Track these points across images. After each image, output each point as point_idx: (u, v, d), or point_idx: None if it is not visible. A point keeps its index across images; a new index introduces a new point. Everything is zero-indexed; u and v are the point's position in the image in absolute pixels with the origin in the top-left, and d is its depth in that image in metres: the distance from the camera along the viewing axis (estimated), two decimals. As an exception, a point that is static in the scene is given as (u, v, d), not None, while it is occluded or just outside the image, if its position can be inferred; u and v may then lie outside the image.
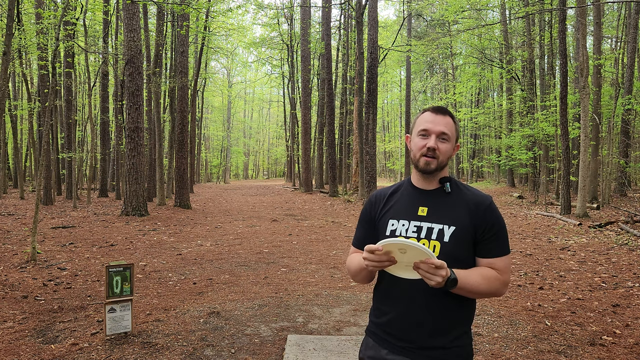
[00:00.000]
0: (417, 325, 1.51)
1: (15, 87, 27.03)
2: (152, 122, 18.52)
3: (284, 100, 37.84)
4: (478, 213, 1.52)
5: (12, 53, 13.88)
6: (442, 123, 1.56)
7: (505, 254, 1.53)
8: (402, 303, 1.53)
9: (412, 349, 1.51)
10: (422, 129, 1.57)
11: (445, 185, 1.58)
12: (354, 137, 22.53)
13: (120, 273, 3.85)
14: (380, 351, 1.57)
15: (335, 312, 4.67)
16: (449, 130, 1.56)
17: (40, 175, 7.38)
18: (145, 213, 12.77)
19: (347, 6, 23.82)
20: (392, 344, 1.55)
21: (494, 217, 1.53)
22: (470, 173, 33.91)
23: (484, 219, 1.52)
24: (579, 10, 12.95)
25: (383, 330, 1.58)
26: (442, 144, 1.55)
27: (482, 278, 1.45)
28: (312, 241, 9.30)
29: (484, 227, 1.51)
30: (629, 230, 9.42)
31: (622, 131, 16.89)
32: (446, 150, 1.55)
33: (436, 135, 1.55)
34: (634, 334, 4.03)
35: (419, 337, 1.51)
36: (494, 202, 1.58)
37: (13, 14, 6.93)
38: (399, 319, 1.54)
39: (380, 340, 1.59)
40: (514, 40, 25.73)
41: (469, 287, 1.43)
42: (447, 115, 1.58)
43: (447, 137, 1.56)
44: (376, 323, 1.62)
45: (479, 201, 1.55)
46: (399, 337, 1.54)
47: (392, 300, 1.57)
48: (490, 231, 1.51)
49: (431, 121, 1.56)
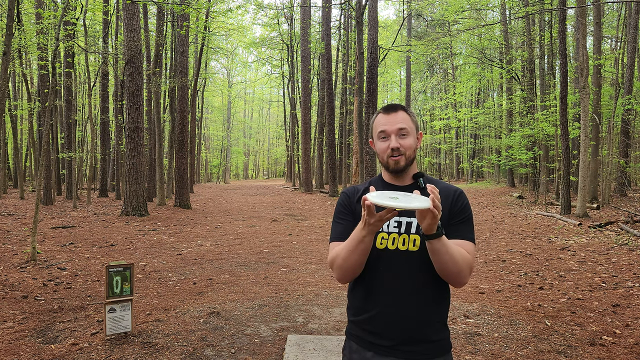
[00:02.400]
0: (400, 319, 1.51)
1: (15, 87, 27.03)
2: (152, 122, 18.52)
3: (284, 100, 37.84)
4: (448, 200, 1.58)
5: (12, 53, 13.88)
6: (396, 120, 1.59)
7: (472, 240, 1.57)
8: (387, 298, 1.53)
9: (397, 347, 1.51)
10: (380, 131, 1.61)
11: (419, 181, 1.62)
12: (354, 137, 22.51)
13: (120, 273, 3.85)
14: (365, 354, 1.56)
15: (335, 312, 4.67)
16: (406, 125, 1.60)
17: (40, 175, 7.38)
18: (145, 213, 12.77)
19: (347, 6, 23.81)
20: (376, 345, 1.54)
21: (463, 202, 1.59)
22: (470, 173, 33.90)
23: (454, 204, 1.58)
24: (579, 10, 12.94)
25: (364, 330, 1.57)
26: (403, 140, 1.59)
27: (458, 250, 1.48)
28: (312, 241, 9.30)
29: (454, 211, 1.57)
30: (629, 230, 9.42)
31: (622, 131, 16.88)
32: (409, 145, 1.60)
33: (395, 134, 1.59)
34: (634, 334, 4.03)
35: (404, 331, 1.51)
36: (464, 193, 1.63)
37: (13, 14, 6.93)
38: (382, 315, 1.53)
39: (363, 342, 1.57)
40: (514, 40, 25.73)
41: (449, 249, 1.43)
42: (400, 110, 1.62)
43: (406, 132, 1.59)
44: (356, 322, 1.60)
45: (451, 191, 1.61)
46: (381, 335, 1.53)
47: (373, 296, 1.56)
48: (460, 214, 1.57)
49: (385, 122, 1.60)
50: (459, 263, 1.45)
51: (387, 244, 1.55)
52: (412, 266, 1.53)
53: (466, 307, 4.83)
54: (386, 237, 1.55)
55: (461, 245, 1.53)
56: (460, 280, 1.48)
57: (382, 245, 1.55)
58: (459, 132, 35.69)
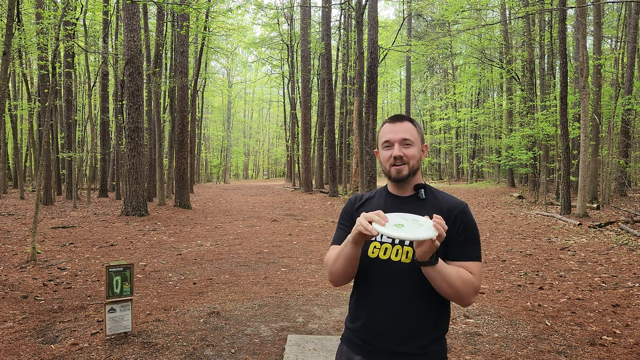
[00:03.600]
0: (389, 331, 1.50)
1: (15, 87, 27.03)
2: (152, 122, 18.52)
3: (284, 100, 37.84)
4: (450, 217, 1.53)
5: (12, 53, 13.88)
6: (401, 130, 1.59)
7: (478, 259, 1.53)
8: (375, 308, 1.53)
9: (381, 354, 1.51)
10: (384, 141, 1.61)
11: (419, 192, 1.61)
12: (354, 137, 22.52)
13: (120, 273, 3.85)
14: (353, 357, 1.57)
15: (335, 312, 4.67)
16: (410, 135, 1.58)
17: (40, 175, 7.38)
18: (145, 213, 12.77)
19: (347, 6, 23.81)
20: (365, 349, 1.54)
21: (467, 220, 1.54)
22: (470, 173, 33.90)
23: (456, 221, 1.52)
24: (579, 10, 12.95)
25: (356, 336, 1.58)
26: (407, 149, 1.58)
27: (458, 275, 1.44)
28: (312, 241, 9.30)
29: (456, 229, 1.52)
30: (629, 230, 9.42)
31: (622, 131, 16.89)
32: (413, 154, 1.58)
33: (399, 143, 1.58)
34: (634, 334, 4.03)
35: (387, 342, 1.50)
36: (468, 207, 1.59)
37: (13, 14, 6.93)
38: (370, 324, 1.53)
39: (353, 345, 1.58)
40: (514, 40, 25.73)
41: (445, 275, 1.40)
42: (405, 121, 1.61)
43: (410, 142, 1.58)
44: (350, 329, 1.62)
45: (453, 206, 1.56)
46: (369, 342, 1.53)
47: (365, 305, 1.56)
48: (463, 233, 1.52)
49: (390, 131, 1.60)
50: (458, 288, 1.42)
51: (378, 254, 1.54)
52: (404, 279, 1.50)
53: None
54: (378, 247, 1.55)
55: (465, 266, 1.49)
56: (462, 303, 1.46)
57: (374, 254, 1.54)
58: (459, 132, 35.71)
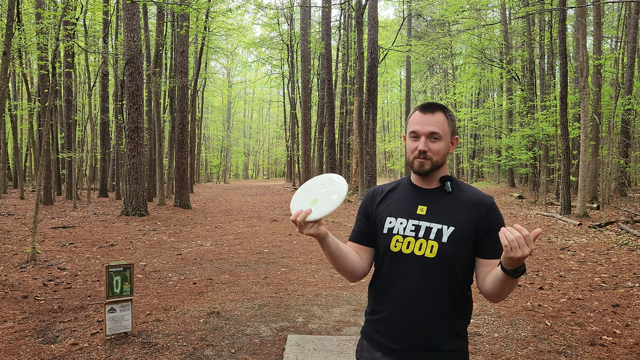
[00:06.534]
0: (408, 325, 1.48)
1: (15, 87, 27.02)
2: (152, 122, 18.52)
3: (284, 100, 37.84)
4: (479, 213, 1.49)
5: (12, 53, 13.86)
6: (430, 122, 1.51)
7: None
8: (397, 302, 1.50)
9: (405, 352, 1.48)
10: (412, 131, 1.53)
11: (446, 184, 1.55)
12: (354, 137, 22.53)
13: (120, 273, 3.84)
14: (374, 354, 1.54)
15: (335, 312, 4.67)
16: (439, 129, 1.50)
17: (40, 175, 7.38)
18: (145, 213, 12.77)
19: (347, 6, 23.81)
20: (385, 346, 1.51)
21: (495, 218, 1.50)
22: (470, 173, 33.91)
23: (486, 220, 1.49)
24: (579, 10, 12.94)
25: (375, 330, 1.55)
26: (433, 144, 1.51)
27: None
28: (312, 241, 9.29)
29: (486, 228, 1.48)
30: (629, 230, 9.42)
31: (622, 131, 16.88)
32: (439, 150, 1.51)
33: (425, 137, 1.51)
34: (634, 334, 4.03)
35: (411, 338, 1.47)
36: (495, 202, 1.55)
37: (13, 14, 6.93)
38: (392, 318, 1.51)
39: (373, 342, 1.55)
40: (514, 40, 25.73)
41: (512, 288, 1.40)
42: (437, 111, 1.52)
43: (439, 136, 1.51)
44: (370, 321, 1.59)
45: (480, 202, 1.52)
46: (391, 338, 1.50)
47: (386, 298, 1.54)
48: (494, 232, 1.48)
49: (419, 122, 1.52)
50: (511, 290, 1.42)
51: (401, 247, 1.51)
52: (427, 273, 1.47)
53: (466, 307, 4.82)
54: (401, 240, 1.51)
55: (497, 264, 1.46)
56: (500, 300, 1.47)
57: (397, 248, 1.52)
58: (459, 132, 35.70)
